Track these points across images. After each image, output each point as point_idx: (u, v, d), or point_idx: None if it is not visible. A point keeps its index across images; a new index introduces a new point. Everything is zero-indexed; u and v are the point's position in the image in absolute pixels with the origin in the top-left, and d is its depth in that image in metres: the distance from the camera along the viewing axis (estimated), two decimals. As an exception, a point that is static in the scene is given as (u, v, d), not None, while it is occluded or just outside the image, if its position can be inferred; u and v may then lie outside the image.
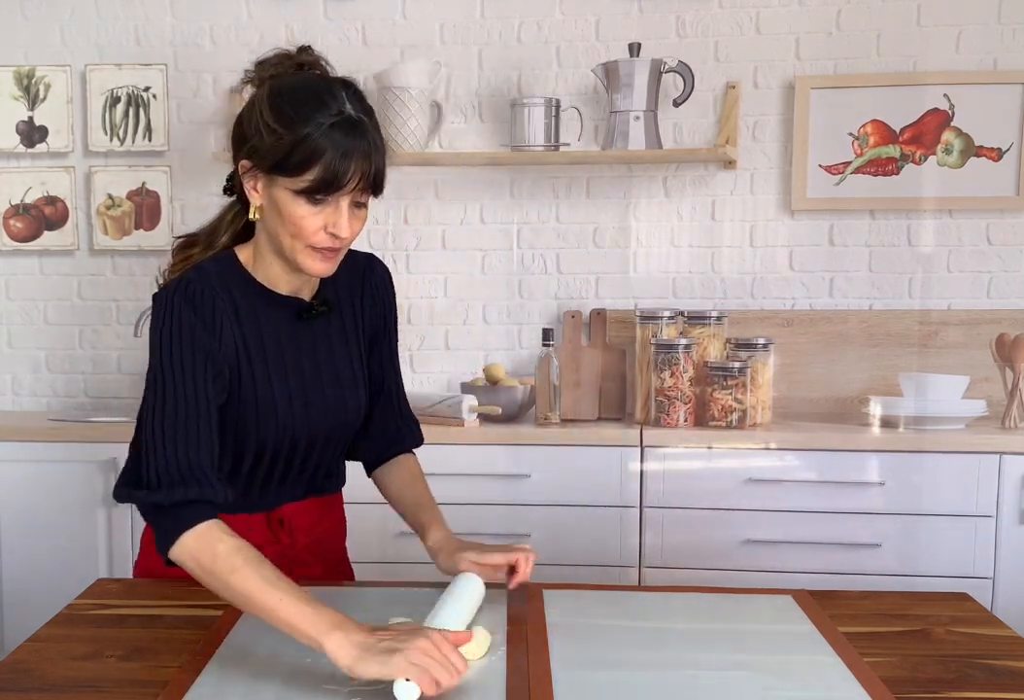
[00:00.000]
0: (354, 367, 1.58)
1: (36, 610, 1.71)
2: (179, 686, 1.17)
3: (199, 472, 1.32)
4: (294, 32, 3.09)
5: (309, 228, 1.36)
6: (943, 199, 2.95)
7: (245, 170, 1.39)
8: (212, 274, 1.44)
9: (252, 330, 1.46)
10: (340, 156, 1.32)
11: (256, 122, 1.36)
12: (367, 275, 1.61)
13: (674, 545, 2.61)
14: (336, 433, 1.58)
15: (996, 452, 2.53)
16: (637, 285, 3.07)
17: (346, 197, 1.36)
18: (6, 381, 3.24)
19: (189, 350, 1.37)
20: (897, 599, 1.55)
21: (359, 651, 1.14)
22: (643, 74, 2.83)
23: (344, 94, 1.36)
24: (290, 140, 1.32)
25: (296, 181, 1.34)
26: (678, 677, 1.20)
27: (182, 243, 1.55)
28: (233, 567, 1.24)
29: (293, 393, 1.49)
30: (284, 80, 1.40)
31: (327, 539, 1.66)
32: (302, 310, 1.51)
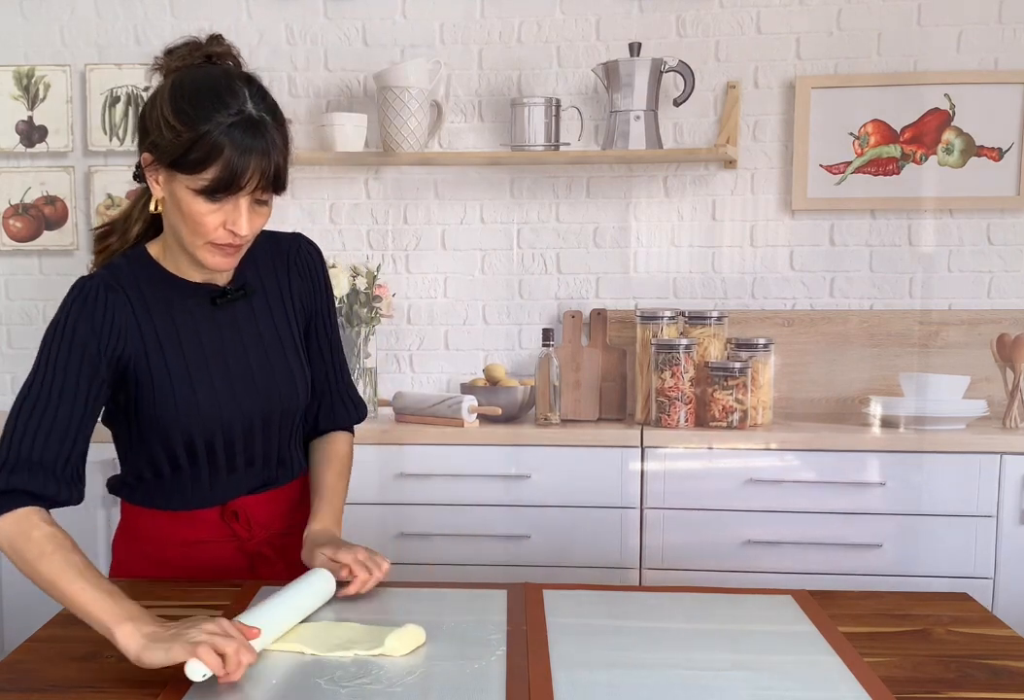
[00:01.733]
0: (286, 348, 1.56)
1: (36, 610, 1.71)
2: (179, 686, 1.17)
3: (37, 464, 1.33)
4: (294, 32, 3.10)
5: (208, 225, 1.36)
6: (943, 199, 2.95)
7: (147, 163, 1.39)
8: (121, 269, 1.46)
9: (164, 321, 1.45)
10: (238, 155, 1.31)
11: (157, 118, 1.35)
12: (292, 254, 1.59)
13: (675, 546, 2.61)
14: (274, 417, 1.55)
15: (996, 452, 2.53)
16: (637, 285, 3.07)
17: (245, 196, 1.36)
18: (6, 381, 3.24)
19: (67, 346, 1.38)
20: (897, 599, 1.54)
21: (146, 641, 1.16)
22: (643, 74, 2.83)
23: (246, 91, 1.36)
24: (188, 137, 1.32)
25: (195, 179, 1.33)
26: (678, 677, 1.20)
27: (99, 233, 1.55)
28: (42, 553, 1.27)
29: (216, 381, 1.48)
30: (186, 75, 1.38)
31: (291, 534, 1.62)
32: (216, 296, 1.50)
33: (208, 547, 1.56)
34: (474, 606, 1.45)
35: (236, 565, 1.57)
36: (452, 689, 1.16)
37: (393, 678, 1.19)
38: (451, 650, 1.28)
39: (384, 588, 1.54)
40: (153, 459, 1.51)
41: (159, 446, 1.49)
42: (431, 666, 1.23)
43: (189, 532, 1.55)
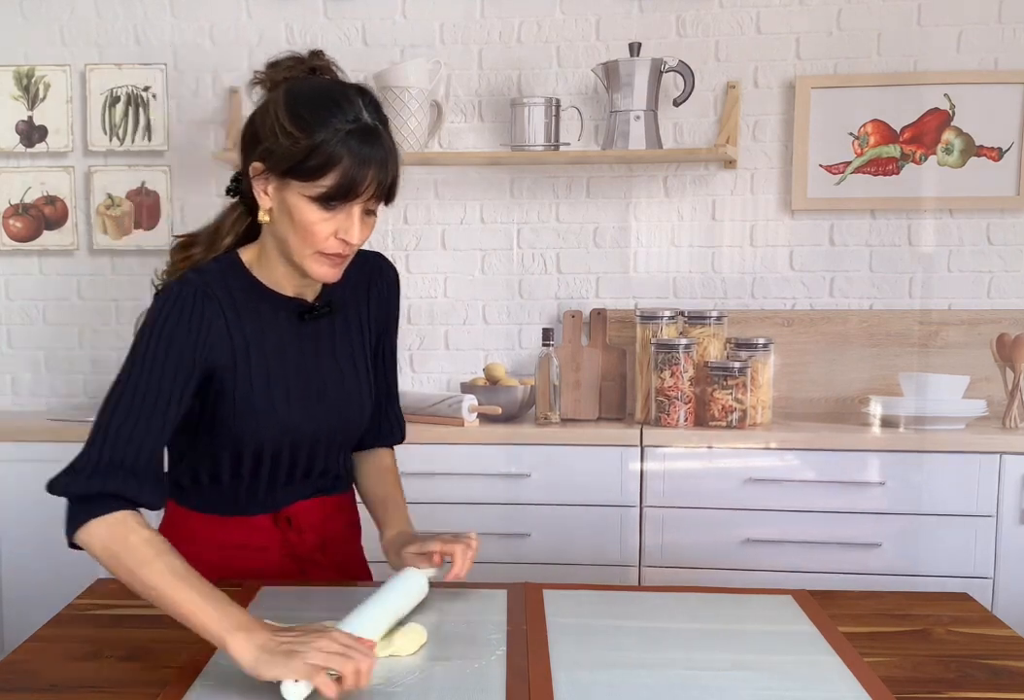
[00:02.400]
0: (358, 367, 1.57)
1: (36, 610, 1.71)
2: (179, 686, 1.17)
3: (128, 468, 1.31)
4: (294, 32, 3.10)
5: (320, 234, 1.36)
6: (943, 199, 2.95)
7: (257, 172, 1.38)
8: (214, 275, 1.44)
9: (253, 331, 1.45)
10: (357, 164, 1.32)
11: (271, 125, 1.35)
12: (375, 275, 1.60)
13: (674, 545, 2.61)
14: (340, 433, 1.57)
15: (996, 452, 2.53)
16: (637, 285, 3.07)
17: (359, 204, 1.36)
18: (6, 381, 3.24)
19: (163, 352, 1.36)
20: (897, 599, 1.55)
21: (259, 652, 1.13)
22: (643, 74, 2.83)
23: (360, 101, 1.36)
24: (307, 144, 1.31)
25: (310, 186, 1.33)
26: (678, 677, 1.20)
27: (182, 243, 1.54)
28: (143, 559, 1.23)
29: (293, 393, 1.49)
30: (301, 84, 1.39)
31: (339, 539, 1.65)
32: (304, 311, 1.51)
33: (258, 551, 1.56)
34: (474, 606, 1.45)
35: (286, 569, 1.57)
36: (452, 689, 1.16)
37: (393, 678, 1.19)
38: (451, 650, 1.28)
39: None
40: (215, 465, 1.50)
41: (226, 454, 1.49)
42: (431, 666, 1.23)
43: (240, 536, 1.55)
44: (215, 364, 1.41)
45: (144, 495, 1.32)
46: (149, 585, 1.22)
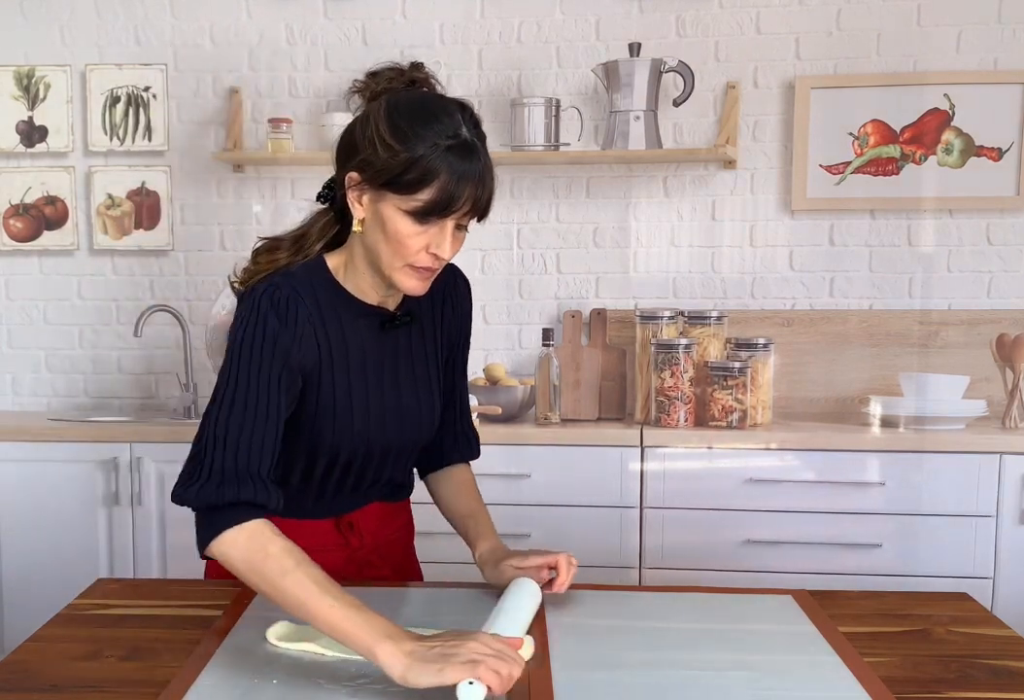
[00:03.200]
0: (431, 379, 1.57)
1: (36, 610, 1.71)
2: (179, 686, 1.17)
3: (255, 475, 1.30)
4: (294, 32, 3.10)
5: (412, 247, 1.35)
6: (943, 199, 2.95)
7: (353, 182, 1.37)
8: (300, 279, 1.43)
9: (336, 337, 1.45)
10: (455, 179, 1.31)
11: (371, 135, 1.34)
12: (450, 287, 1.60)
13: (674, 545, 2.61)
14: (410, 444, 1.57)
15: (996, 452, 2.53)
16: (637, 285, 3.07)
17: (453, 220, 1.36)
18: (6, 381, 3.24)
19: (269, 354, 1.35)
20: (897, 599, 1.54)
21: (411, 660, 1.12)
22: (643, 74, 2.83)
23: (461, 116, 1.36)
24: (405, 158, 1.31)
25: (407, 200, 1.32)
26: (678, 677, 1.20)
27: (268, 246, 1.51)
28: (284, 569, 1.22)
29: (371, 402, 1.49)
30: (402, 96, 1.38)
31: (394, 541, 1.66)
32: (386, 320, 1.50)
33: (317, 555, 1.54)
34: (474, 606, 1.45)
35: (344, 572, 1.56)
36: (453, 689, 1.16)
37: None
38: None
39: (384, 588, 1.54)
40: (287, 469, 1.50)
41: (301, 459, 1.48)
42: None
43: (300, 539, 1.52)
44: (305, 368, 1.41)
45: (273, 501, 1.31)
46: (293, 596, 1.21)
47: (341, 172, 1.40)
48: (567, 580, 1.47)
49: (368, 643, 1.15)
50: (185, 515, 1.36)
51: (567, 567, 1.48)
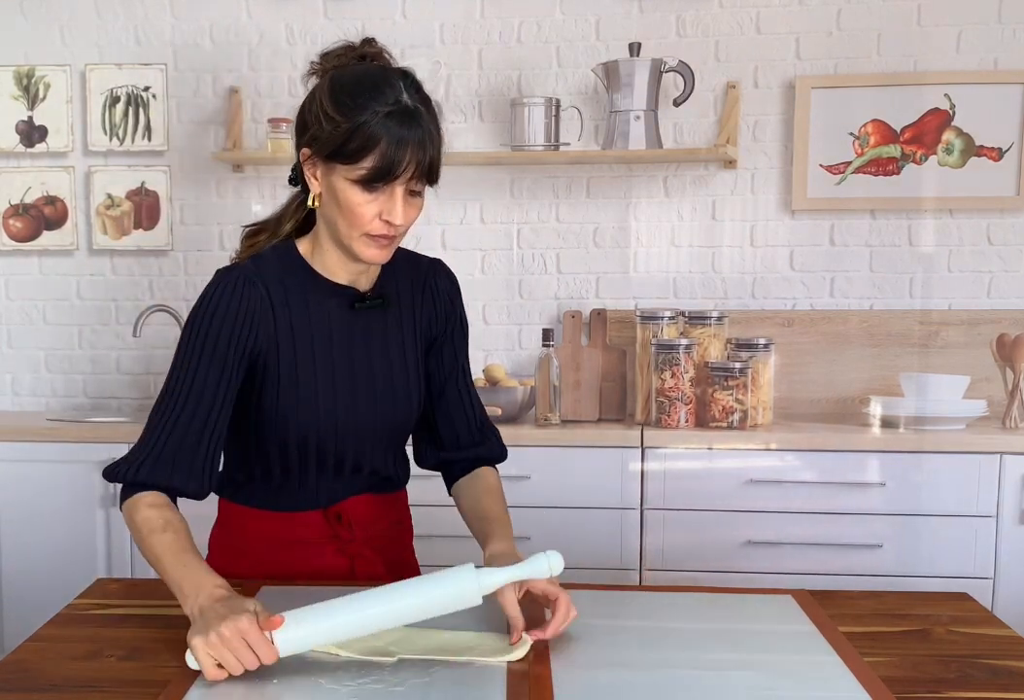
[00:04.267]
0: (408, 364, 1.57)
1: (36, 610, 1.71)
2: (179, 686, 1.17)
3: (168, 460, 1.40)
4: (294, 32, 3.10)
5: (365, 215, 1.38)
6: (943, 199, 2.95)
7: (305, 158, 1.41)
8: (267, 261, 1.48)
9: (300, 316, 1.47)
10: (395, 145, 1.34)
11: (316, 111, 1.38)
12: (429, 279, 1.60)
13: (675, 546, 2.61)
14: (386, 429, 1.56)
15: (996, 452, 2.53)
16: (637, 285, 3.07)
17: (401, 185, 1.38)
18: (6, 381, 3.24)
19: (201, 343, 1.41)
20: (897, 599, 1.54)
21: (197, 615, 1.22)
22: (643, 74, 2.83)
23: (402, 83, 1.38)
24: (347, 128, 1.34)
25: (352, 169, 1.35)
26: (679, 677, 1.20)
27: (250, 231, 1.57)
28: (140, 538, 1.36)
29: (339, 381, 1.50)
30: (344, 70, 1.42)
31: (389, 536, 1.65)
32: (356, 299, 1.52)
33: (308, 547, 1.57)
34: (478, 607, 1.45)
35: (336, 565, 1.57)
36: (453, 689, 1.16)
37: (395, 678, 1.19)
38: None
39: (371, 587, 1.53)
40: (265, 459, 1.52)
41: (273, 443, 1.50)
42: (432, 666, 1.22)
43: (291, 532, 1.56)
44: (259, 349, 1.45)
45: (176, 482, 1.40)
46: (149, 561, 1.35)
47: (297, 150, 1.44)
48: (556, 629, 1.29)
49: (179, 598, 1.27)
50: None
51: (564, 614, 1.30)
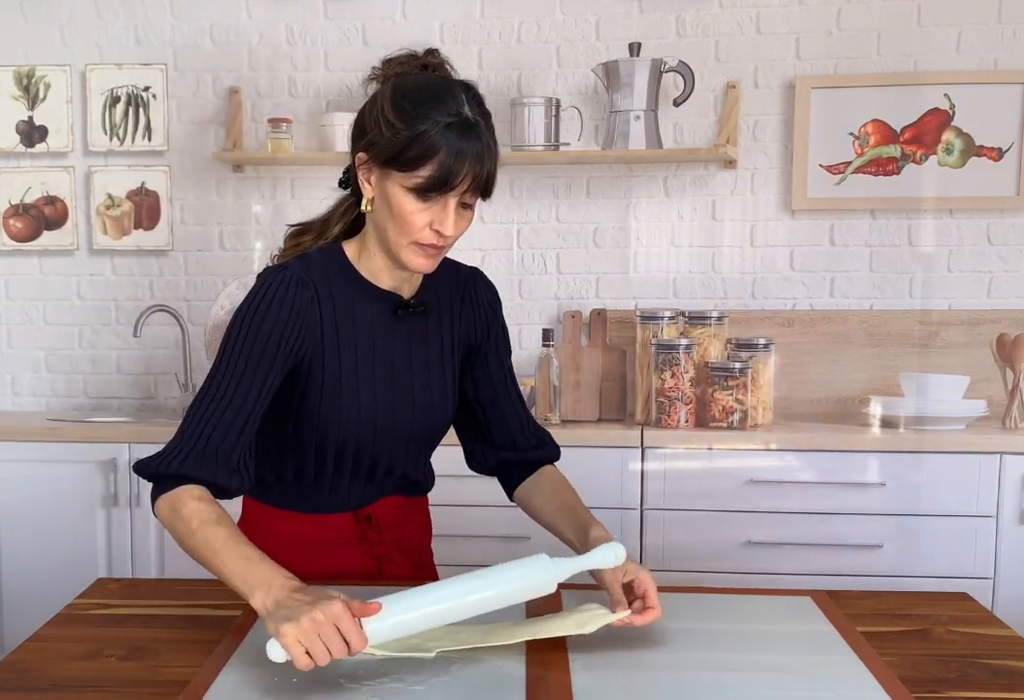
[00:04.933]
0: (445, 371, 1.58)
1: (36, 610, 1.71)
2: (199, 685, 1.16)
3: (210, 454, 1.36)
4: (294, 32, 3.10)
5: (416, 224, 1.39)
6: (943, 199, 2.95)
7: (361, 162, 1.42)
8: (315, 262, 1.47)
9: (345, 320, 1.47)
10: (454, 156, 1.34)
11: (377, 116, 1.39)
12: (469, 287, 1.61)
13: (675, 546, 2.61)
14: (421, 435, 1.58)
15: (996, 452, 2.53)
16: (637, 285, 3.07)
17: (455, 197, 1.38)
18: (6, 381, 3.24)
19: (252, 338, 1.40)
20: (897, 599, 1.54)
21: (272, 608, 1.17)
22: (643, 74, 2.83)
23: (464, 96, 1.38)
24: (406, 135, 1.35)
25: (408, 177, 1.36)
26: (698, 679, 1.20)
27: (295, 231, 1.57)
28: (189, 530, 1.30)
29: (380, 386, 1.50)
30: (407, 78, 1.42)
31: (413, 537, 1.66)
32: (399, 306, 1.52)
33: (337, 549, 1.57)
34: None
35: (365, 567, 1.58)
36: (473, 690, 1.16)
37: (414, 678, 1.19)
38: (471, 651, 1.27)
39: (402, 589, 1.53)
40: (300, 460, 1.52)
41: (311, 446, 1.50)
42: (451, 667, 1.22)
43: (320, 534, 1.56)
44: (305, 351, 1.44)
45: (220, 478, 1.36)
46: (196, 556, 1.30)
47: (352, 154, 1.45)
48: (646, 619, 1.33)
49: (245, 592, 1.21)
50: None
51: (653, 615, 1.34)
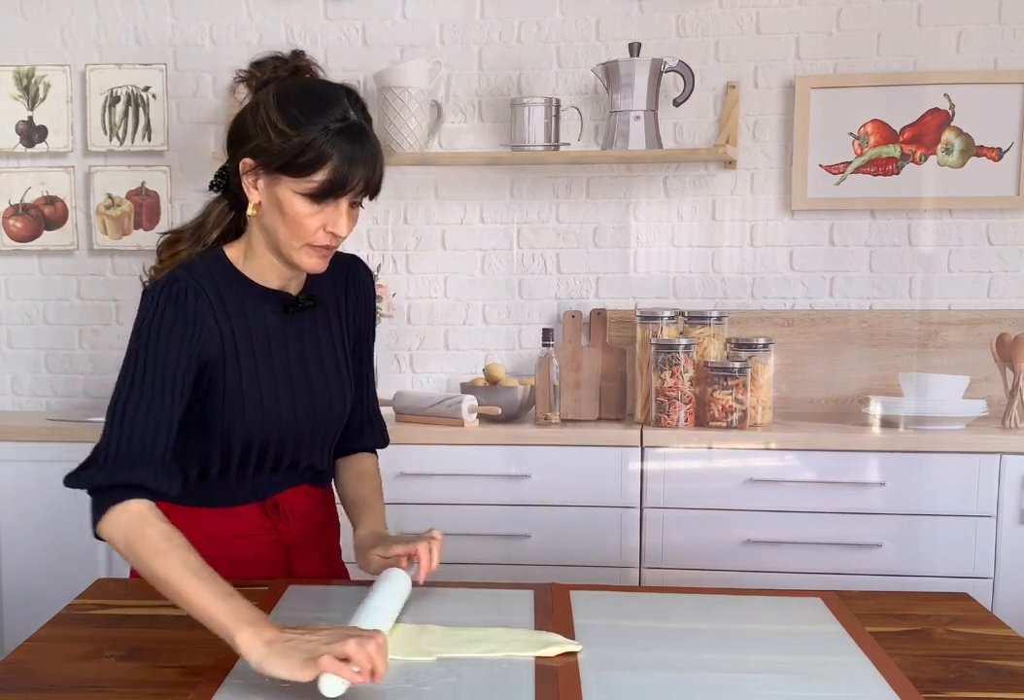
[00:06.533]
0: (339, 363, 1.61)
1: (36, 610, 1.71)
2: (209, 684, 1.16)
3: (147, 458, 1.34)
4: (294, 32, 3.09)
5: (310, 227, 1.41)
6: (943, 199, 2.95)
7: (247, 168, 1.43)
8: (200, 271, 1.48)
9: (239, 324, 1.49)
10: (347, 162, 1.37)
11: (263, 122, 1.40)
12: (352, 275, 1.65)
13: (674, 546, 2.61)
14: (323, 427, 1.60)
15: (996, 452, 2.53)
16: (637, 285, 3.07)
17: (346, 199, 1.41)
18: (6, 381, 3.24)
19: (165, 345, 1.40)
20: (897, 599, 1.55)
21: (268, 650, 1.13)
22: (643, 74, 2.83)
23: (347, 100, 1.41)
24: (298, 142, 1.36)
25: (301, 182, 1.38)
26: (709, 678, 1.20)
27: (168, 240, 1.58)
28: (157, 551, 1.26)
29: (279, 385, 1.52)
30: (290, 83, 1.44)
31: (321, 528, 1.68)
32: (289, 303, 1.54)
33: (246, 541, 1.59)
34: (500, 607, 1.44)
35: (274, 558, 1.60)
36: (481, 690, 1.16)
37: (423, 678, 1.19)
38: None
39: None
40: (205, 460, 1.53)
41: (216, 448, 1.51)
42: (460, 667, 1.22)
43: (228, 526, 1.57)
44: (207, 358, 1.45)
45: (161, 483, 1.35)
46: (161, 577, 1.25)
47: (234, 160, 1.45)
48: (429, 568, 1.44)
49: (228, 628, 1.17)
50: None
51: (427, 556, 1.44)
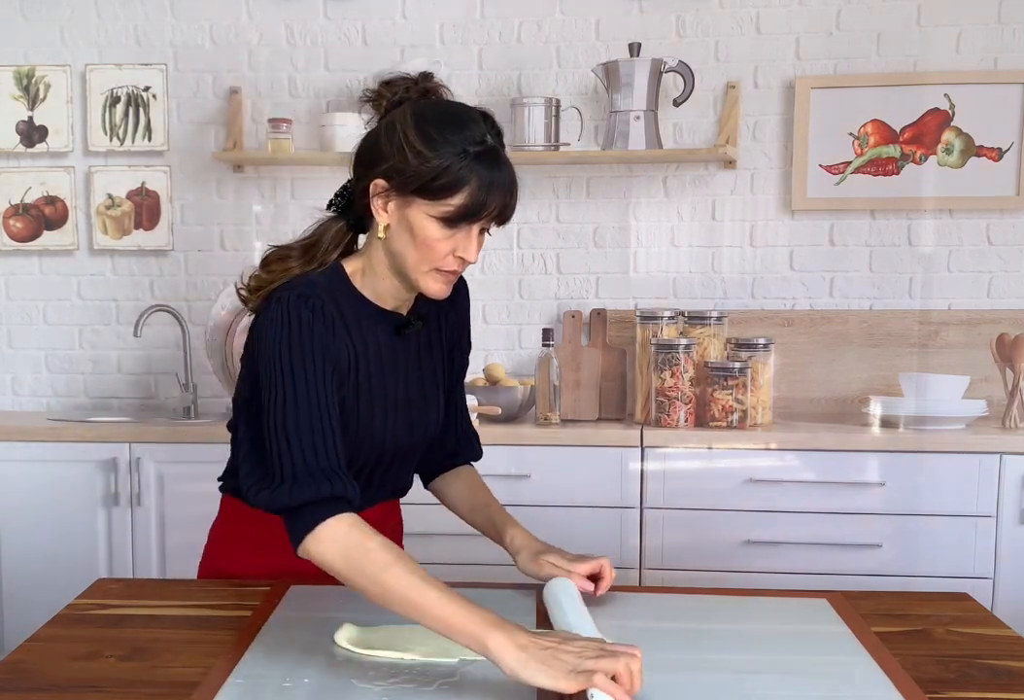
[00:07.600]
0: (438, 383, 1.59)
1: (36, 610, 1.71)
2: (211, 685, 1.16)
3: (329, 470, 1.31)
4: (294, 32, 3.10)
5: (440, 251, 1.38)
6: (943, 199, 2.95)
7: (378, 189, 1.38)
8: (322, 286, 1.43)
9: (359, 343, 1.46)
10: (485, 187, 1.34)
11: (399, 143, 1.36)
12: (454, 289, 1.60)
13: (674, 546, 2.61)
14: (418, 446, 1.59)
15: (996, 452, 2.53)
16: (637, 285, 3.07)
17: (479, 224, 1.38)
18: (6, 381, 3.24)
19: (310, 351, 1.36)
20: (897, 599, 1.55)
21: (525, 654, 1.11)
22: (643, 74, 2.83)
23: (484, 123, 1.38)
24: (436, 164, 1.33)
25: (436, 205, 1.35)
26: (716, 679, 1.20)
27: (278, 254, 1.49)
28: (386, 563, 1.22)
29: (388, 407, 1.50)
30: (426, 104, 1.41)
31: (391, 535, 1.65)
32: (401, 325, 1.52)
33: None
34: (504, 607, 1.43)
35: None
36: (485, 690, 1.16)
37: (426, 678, 1.19)
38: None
39: None
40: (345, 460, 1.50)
41: None
42: (463, 667, 1.22)
43: None
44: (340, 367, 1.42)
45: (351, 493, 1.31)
46: (393, 589, 1.21)
47: (364, 180, 1.41)
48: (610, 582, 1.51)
49: (478, 633, 1.14)
50: (184, 516, 1.37)
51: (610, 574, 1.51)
